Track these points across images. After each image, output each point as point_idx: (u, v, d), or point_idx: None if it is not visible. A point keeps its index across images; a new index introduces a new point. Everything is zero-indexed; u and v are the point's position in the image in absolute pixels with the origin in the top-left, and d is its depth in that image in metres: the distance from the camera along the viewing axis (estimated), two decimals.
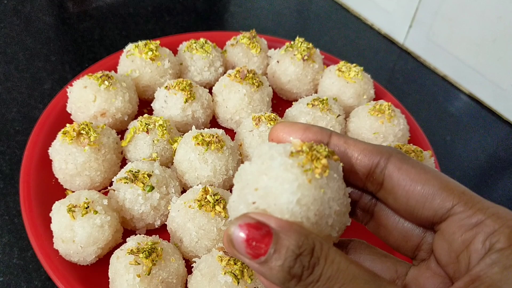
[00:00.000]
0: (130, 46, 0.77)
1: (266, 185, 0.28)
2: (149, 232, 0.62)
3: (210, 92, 0.78)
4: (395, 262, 0.35)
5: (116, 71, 0.79)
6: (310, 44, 0.84)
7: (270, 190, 0.28)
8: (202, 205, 0.57)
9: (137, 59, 0.75)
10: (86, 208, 0.55)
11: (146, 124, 0.67)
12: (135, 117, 0.73)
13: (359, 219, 0.37)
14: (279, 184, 0.28)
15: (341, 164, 0.31)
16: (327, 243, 0.27)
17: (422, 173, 0.30)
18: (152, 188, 0.59)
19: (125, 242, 0.55)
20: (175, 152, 0.67)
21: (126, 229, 0.61)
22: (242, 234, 0.27)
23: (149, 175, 0.60)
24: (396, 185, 0.31)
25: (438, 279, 0.32)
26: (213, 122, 0.80)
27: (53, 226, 0.56)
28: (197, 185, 0.62)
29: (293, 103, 0.79)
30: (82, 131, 0.62)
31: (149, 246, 0.52)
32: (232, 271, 0.50)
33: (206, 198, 0.57)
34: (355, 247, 0.36)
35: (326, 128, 0.34)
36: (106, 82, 0.69)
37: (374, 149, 0.32)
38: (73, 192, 0.62)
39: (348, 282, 0.26)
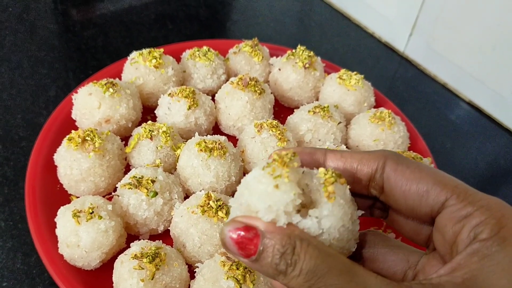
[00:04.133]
0: (134, 54, 0.78)
1: (246, 200, 0.30)
2: (152, 237, 0.62)
3: (213, 99, 0.79)
4: (407, 252, 0.36)
5: (120, 79, 0.79)
6: (312, 52, 0.85)
7: (250, 203, 0.30)
8: (205, 211, 0.57)
9: (141, 67, 0.76)
10: (91, 213, 0.55)
11: (150, 130, 0.67)
12: (139, 124, 0.74)
13: (379, 216, 0.38)
14: (254, 196, 0.30)
15: (348, 187, 0.32)
16: (306, 240, 0.29)
17: (416, 171, 0.32)
18: (156, 193, 0.60)
19: (129, 247, 0.56)
20: (178, 158, 0.68)
21: (130, 234, 0.62)
22: (232, 238, 0.30)
23: (153, 181, 0.61)
24: (394, 186, 0.33)
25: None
26: (216, 129, 0.80)
27: (58, 231, 0.56)
28: (200, 191, 0.63)
29: (295, 110, 0.80)
30: (87, 138, 0.63)
31: (153, 251, 0.53)
32: (235, 276, 0.50)
33: (209, 203, 0.58)
34: (370, 240, 0.37)
35: (320, 148, 0.35)
36: (110, 89, 0.70)
37: (371, 156, 0.34)
38: (78, 197, 0.63)
39: (324, 274, 0.28)
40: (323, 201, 0.30)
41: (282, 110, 0.87)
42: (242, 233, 0.29)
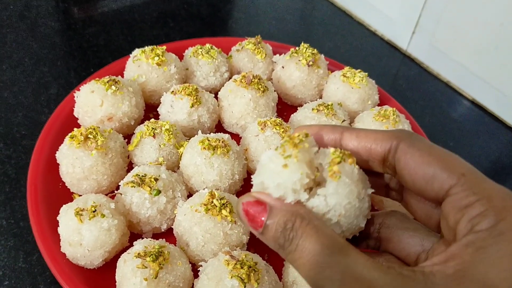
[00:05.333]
0: (137, 52, 0.78)
1: (260, 178, 0.33)
2: (155, 236, 0.62)
3: (216, 97, 0.79)
4: (423, 236, 0.36)
5: (122, 76, 0.79)
6: (315, 50, 0.85)
7: (263, 181, 0.32)
8: (209, 209, 0.57)
9: (143, 64, 0.76)
10: (94, 211, 0.55)
11: (152, 128, 0.67)
12: (141, 122, 0.73)
13: (395, 198, 0.39)
14: (266, 175, 0.32)
15: (356, 167, 0.33)
16: (307, 219, 0.31)
17: (425, 156, 0.32)
18: (159, 192, 0.59)
19: (132, 245, 0.55)
20: (181, 156, 0.67)
21: (133, 233, 0.61)
22: (244, 210, 0.33)
23: (156, 179, 0.60)
24: (403, 169, 0.33)
25: None
26: (219, 127, 0.80)
27: (60, 230, 0.56)
28: (203, 189, 0.62)
29: (298, 108, 0.79)
30: (89, 135, 0.62)
31: (156, 250, 0.52)
32: (239, 275, 0.50)
33: (212, 202, 0.57)
34: (388, 220, 0.38)
35: (339, 126, 0.36)
36: (113, 87, 0.69)
37: (385, 136, 0.34)
38: (80, 196, 0.62)
39: (317, 253, 0.29)
40: (329, 180, 0.32)
41: (285, 108, 0.86)
42: (253, 206, 0.32)
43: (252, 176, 0.34)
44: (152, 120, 0.70)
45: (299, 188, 0.32)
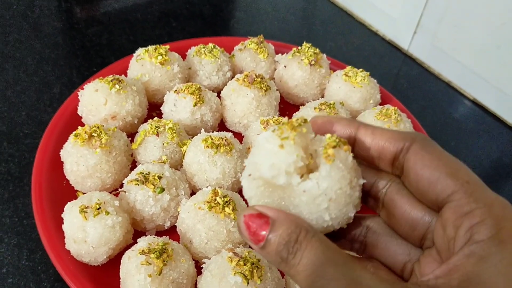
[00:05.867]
0: (140, 51, 0.78)
1: (254, 158, 0.32)
2: (159, 233, 0.62)
3: (219, 96, 0.79)
4: (410, 246, 0.36)
5: (126, 75, 0.79)
6: (317, 50, 0.85)
7: (257, 161, 0.32)
8: (212, 207, 0.57)
9: (147, 63, 0.76)
10: (98, 209, 0.55)
11: (156, 127, 0.67)
12: (145, 120, 0.74)
13: (372, 207, 0.38)
14: (261, 155, 0.32)
15: (351, 154, 0.33)
16: (312, 232, 0.30)
17: (434, 159, 0.32)
18: (163, 189, 0.60)
19: (136, 243, 0.55)
20: (184, 154, 0.68)
21: (136, 230, 0.62)
22: (245, 223, 0.31)
23: (160, 177, 0.61)
24: (411, 168, 0.33)
25: (435, 265, 0.33)
26: (221, 126, 0.80)
27: (65, 227, 0.56)
28: (206, 187, 0.63)
29: (300, 107, 0.80)
30: (93, 134, 0.63)
31: (160, 247, 0.53)
32: (242, 272, 0.50)
33: (215, 200, 0.58)
34: (375, 225, 0.37)
35: (355, 120, 0.36)
36: (117, 86, 0.70)
37: (399, 136, 0.34)
38: (84, 193, 0.63)
39: (322, 264, 0.29)
40: (323, 162, 0.32)
41: (287, 107, 0.86)
42: (255, 219, 0.31)
43: (245, 160, 0.34)
44: (156, 118, 0.71)
45: (292, 170, 0.31)
